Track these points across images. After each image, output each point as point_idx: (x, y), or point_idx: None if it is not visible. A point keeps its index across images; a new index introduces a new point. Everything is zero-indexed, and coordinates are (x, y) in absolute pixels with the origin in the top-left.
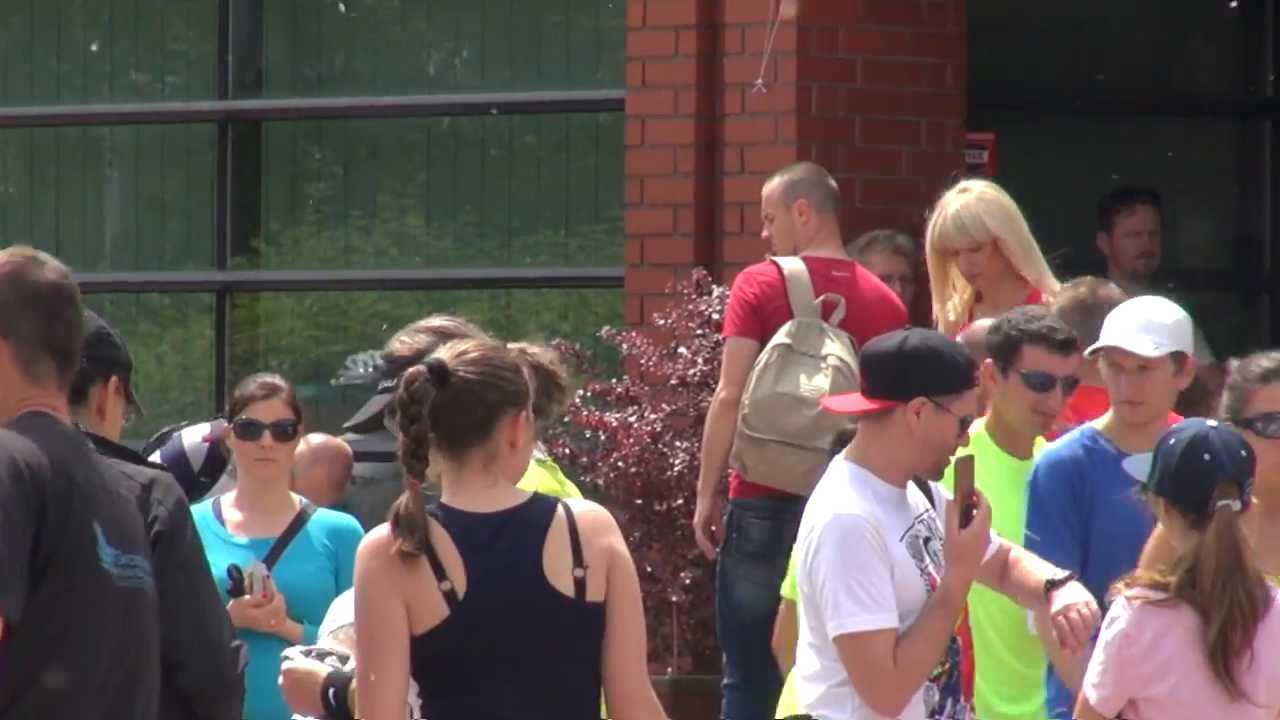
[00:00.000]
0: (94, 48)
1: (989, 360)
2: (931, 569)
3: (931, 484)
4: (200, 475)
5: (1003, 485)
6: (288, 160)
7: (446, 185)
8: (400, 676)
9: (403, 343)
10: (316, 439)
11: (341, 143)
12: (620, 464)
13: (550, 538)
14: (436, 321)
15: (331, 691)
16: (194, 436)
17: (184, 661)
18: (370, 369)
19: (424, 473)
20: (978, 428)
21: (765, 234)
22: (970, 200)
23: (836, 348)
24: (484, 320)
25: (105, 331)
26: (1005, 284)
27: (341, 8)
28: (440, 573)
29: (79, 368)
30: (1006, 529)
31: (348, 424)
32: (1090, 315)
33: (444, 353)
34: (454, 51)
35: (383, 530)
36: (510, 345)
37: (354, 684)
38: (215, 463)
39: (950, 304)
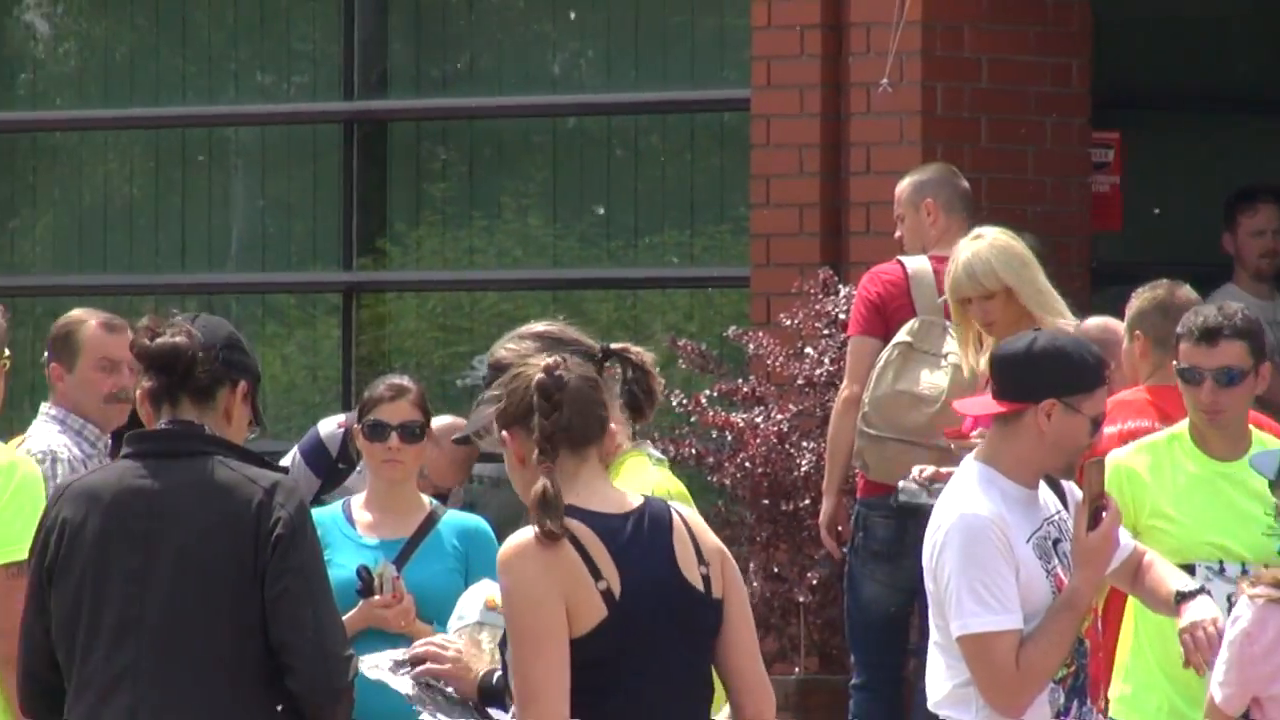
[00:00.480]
0: (219, 49)
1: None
2: (1059, 570)
3: (1064, 483)
4: (338, 460)
5: (1198, 485)
6: (412, 160)
7: (571, 185)
8: (566, 674)
9: (509, 350)
10: (441, 421)
11: (466, 143)
12: (747, 464)
13: (675, 537)
14: (539, 327)
15: (496, 677)
16: (330, 425)
17: (294, 666)
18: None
19: (557, 459)
20: (1181, 428)
21: (897, 234)
22: (982, 248)
23: (957, 346)
24: (609, 321)
25: (237, 338)
26: (1023, 330)
27: (466, 8)
28: (595, 572)
29: (210, 369)
30: (1197, 531)
31: (457, 436)
32: (1168, 315)
33: (550, 359)
34: (579, 51)
35: (526, 534)
36: (613, 345)
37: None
38: (351, 447)
39: (984, 358)
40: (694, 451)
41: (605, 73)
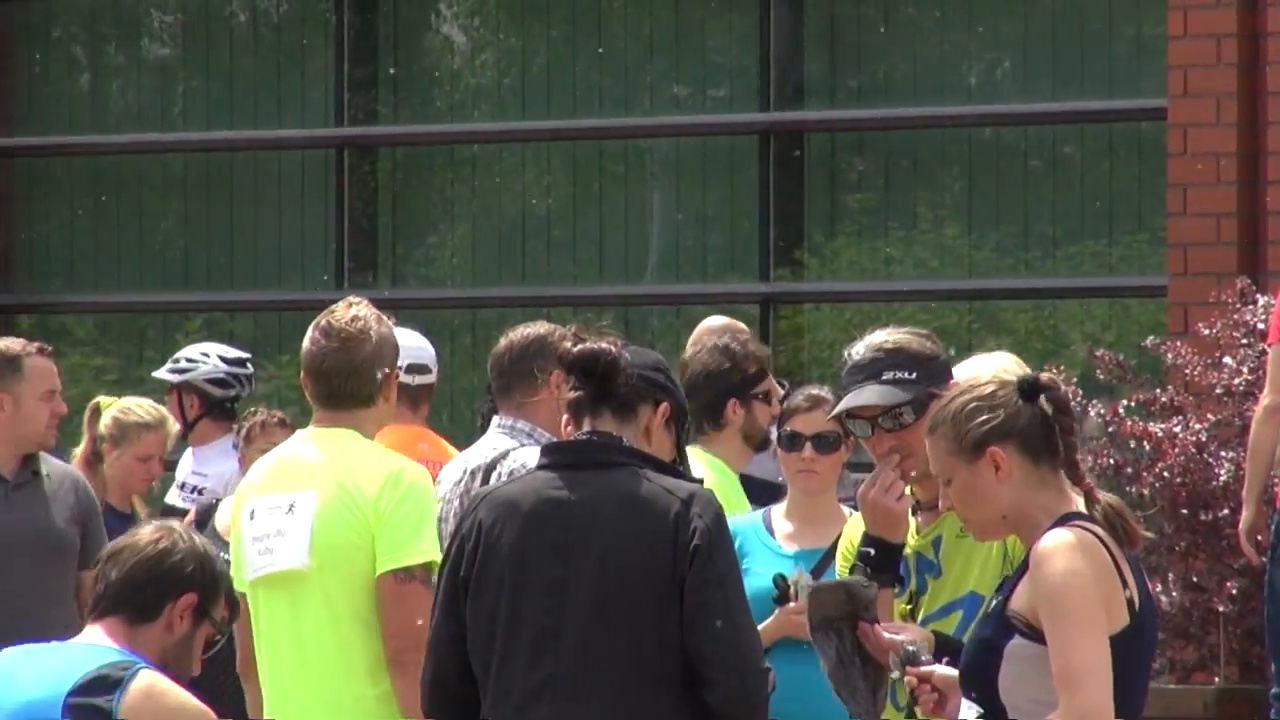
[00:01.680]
0: (635, 61)
1: None
2: None
3: None
4: None
5: None
6: (829, 171)
7: (987, 196)
8: (1110, 664)
9: (910, 336)
10: (716, 320)
11: (882, 153)
12: (1165, 474)
13: None
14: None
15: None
16: None
17: (712, 679)
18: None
19: None
20: None
21: None
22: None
23: None
24: (1026, 331)
25: (665, 365)
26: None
27: (882, 19)
28: (1124, 580)
29: (630, 381)
30: None
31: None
32: None
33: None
34: (995, 62)
35: (1068, 534)
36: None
37: None
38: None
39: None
40: (1112, 461)
41: (1021, 83)
